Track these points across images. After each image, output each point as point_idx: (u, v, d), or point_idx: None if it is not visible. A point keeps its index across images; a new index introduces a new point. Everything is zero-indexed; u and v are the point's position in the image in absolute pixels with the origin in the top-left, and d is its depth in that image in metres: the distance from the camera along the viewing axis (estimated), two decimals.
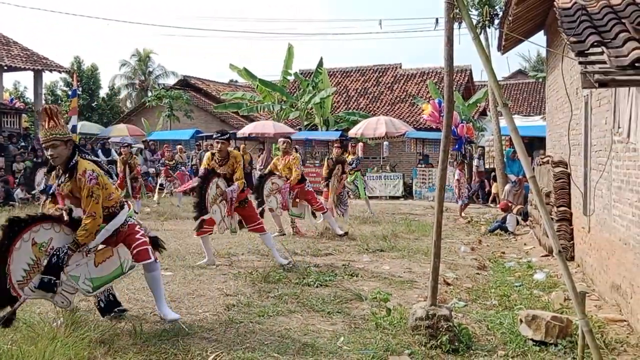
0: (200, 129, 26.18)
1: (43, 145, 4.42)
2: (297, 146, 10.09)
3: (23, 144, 20.03)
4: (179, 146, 22.65)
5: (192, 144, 24.42)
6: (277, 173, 9.53)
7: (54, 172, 4.63)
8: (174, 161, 16.98)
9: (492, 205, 17.17)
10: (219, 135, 7.35)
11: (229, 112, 27.61)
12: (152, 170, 20.08)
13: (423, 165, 20.19)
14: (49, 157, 4.42)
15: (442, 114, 4.90)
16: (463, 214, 13.90)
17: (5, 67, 21.33)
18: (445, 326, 4.52)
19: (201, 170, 7.51)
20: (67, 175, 4.44)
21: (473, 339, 4.68)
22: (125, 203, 4.82)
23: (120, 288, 5.80)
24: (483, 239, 10.69)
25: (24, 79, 55.54)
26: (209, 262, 7.37)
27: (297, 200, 9.84)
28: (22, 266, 4.11)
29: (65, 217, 4.45)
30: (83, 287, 4.47)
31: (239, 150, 14.66)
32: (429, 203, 16.75)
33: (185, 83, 30.79)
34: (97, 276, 4.56)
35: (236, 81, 37.16)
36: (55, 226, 4.37)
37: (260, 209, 8.81)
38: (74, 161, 4.43)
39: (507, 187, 15.58)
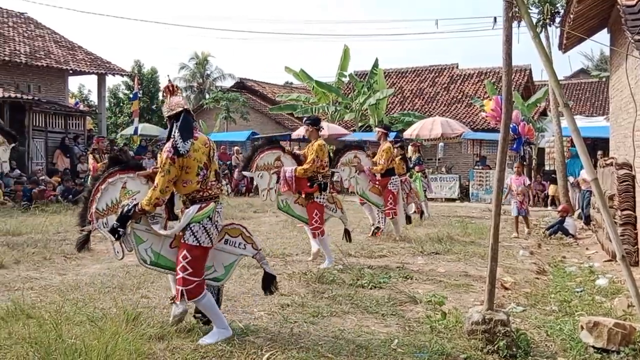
0: (255, 131, 26.55)
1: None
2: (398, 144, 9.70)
3: (87, 145, 20.82)
4: (235, 147, 23.10)
5: (247, 146, 24.80)
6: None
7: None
8: None
9: (551, 208, 16.68)
10: (305, 119, 7.59)
11: (284, 113, 27.89)
12: None
13: (480, 167, 19.83)
14: None
15: None
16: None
17: (71, 71, 22.26)
18: (502, 331, 4.42)
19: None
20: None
21: (532, 345, 4.57)
22: (200, 205, 4.38)
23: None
24: (543, 243, 10.40)
25: (88, 83, 57.87)
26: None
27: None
28: (106, 200, 4.39)
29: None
30: (142, 253, 4.45)
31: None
32: (486, 205, 16.43)
33: (241, 85, 31.31)
34: (165, 255, 4.50)
35: (291, 83, 37.49)
36: (151, 184, 4.49)
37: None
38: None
39: (579, 194, 15.02)
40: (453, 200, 19.14)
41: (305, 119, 7.71)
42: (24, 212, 13.32)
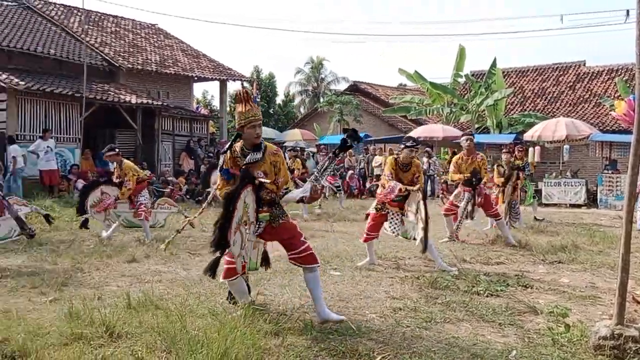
0: (369, 133, 26.63)
1: (255, 124, 4.75)
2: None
3: (210, 148, 21.96)
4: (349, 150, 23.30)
5: (360, 148, 24.91)
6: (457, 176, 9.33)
7: (226, 155, 4.87)
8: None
9: None
10: (405, 142, 7.40)
11: (397, 116, 27.76)
12: None
13: (610, 171, 18.53)
14: (256, 136, 4.75)
15: None
16: None
17: (196, 78, 23.61)
18: (634, 348, 4.10)
19: (387, 174, 7.42)
20: (259, 155, 4.75)
21: None
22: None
23: (298, 282, 6.11)
24: None
25: (211, 88, 61.07)
26: (371, 262, 7.55)
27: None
28: (237, 219, 4.40)
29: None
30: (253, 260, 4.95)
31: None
32: (616, 213, 15.32)
33: (355, 88, 31.57)
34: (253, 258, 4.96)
35: (405, 85, 37.25)
36: (252, 194, 4.63)
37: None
38: (263, 143, 4.84)
39: None
40: (579, 206, 18.04)
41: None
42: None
